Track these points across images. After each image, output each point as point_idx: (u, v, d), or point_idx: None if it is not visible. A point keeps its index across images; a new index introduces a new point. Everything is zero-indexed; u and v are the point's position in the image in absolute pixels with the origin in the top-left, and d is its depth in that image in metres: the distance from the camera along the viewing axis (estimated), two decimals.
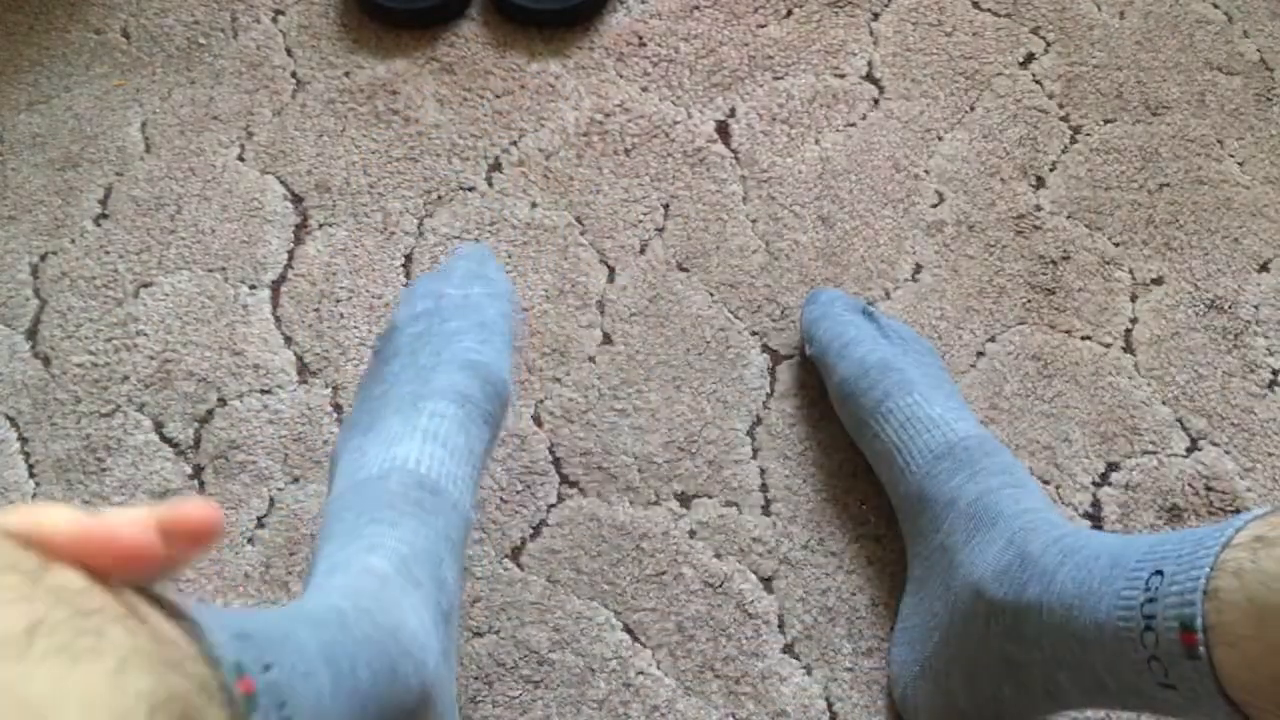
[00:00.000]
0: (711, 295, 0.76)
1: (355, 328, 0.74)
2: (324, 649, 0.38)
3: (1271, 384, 0.73)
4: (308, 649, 0.36)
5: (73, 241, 0.78)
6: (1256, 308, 0.76)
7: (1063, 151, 0.82)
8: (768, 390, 0.72)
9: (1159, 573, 0.41)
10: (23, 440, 0.70)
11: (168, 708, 0.24)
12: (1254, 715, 0.38)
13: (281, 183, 0.80)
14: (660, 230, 0.78)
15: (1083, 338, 0.75)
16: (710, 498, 0.69)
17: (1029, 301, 0.76)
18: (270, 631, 0.35)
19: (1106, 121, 0.84)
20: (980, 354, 0.74)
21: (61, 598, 0.25)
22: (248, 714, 0.29)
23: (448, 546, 0.50)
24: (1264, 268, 0.78)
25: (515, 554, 0.67)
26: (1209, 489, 0.69)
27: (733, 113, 0.83)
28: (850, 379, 0.65)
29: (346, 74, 0.85)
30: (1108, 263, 0.78)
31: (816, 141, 0.82)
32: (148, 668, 0.25)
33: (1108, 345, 0.74)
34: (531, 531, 0.67)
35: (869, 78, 0.85)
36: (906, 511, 0.62)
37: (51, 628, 0.24)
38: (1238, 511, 0.68)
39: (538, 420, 0.71)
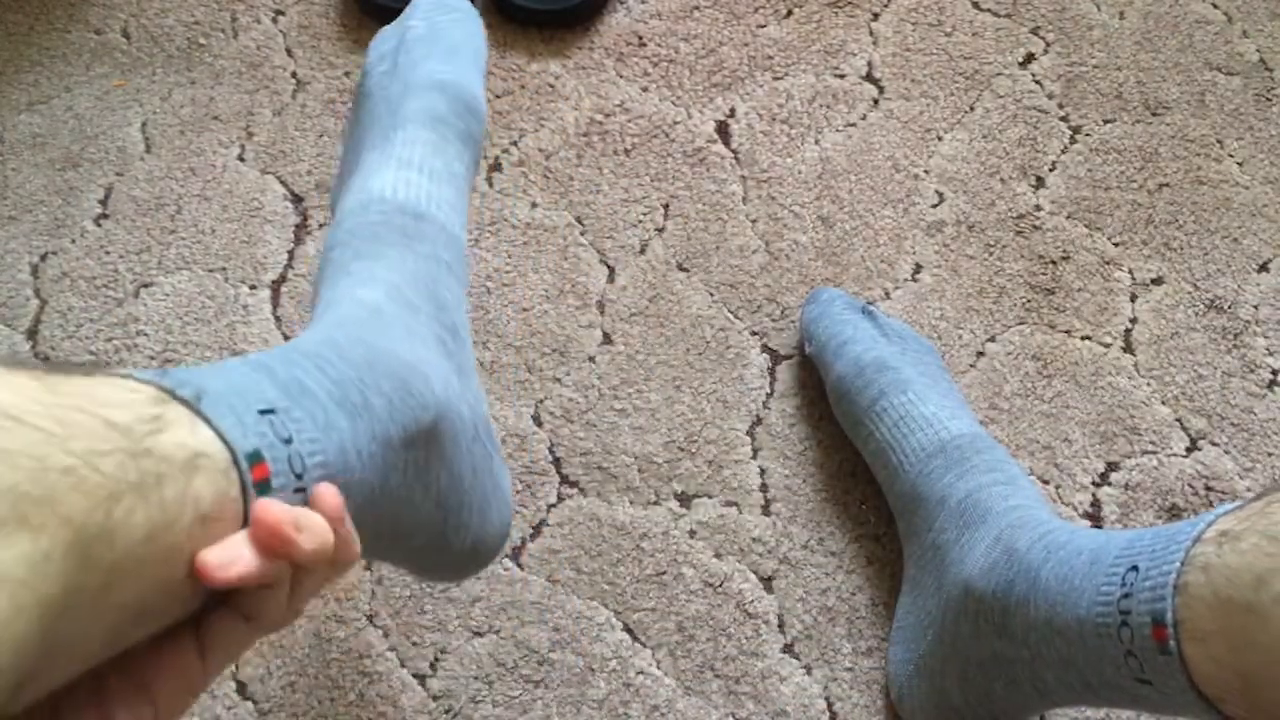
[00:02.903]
0: (711, 295, 0.76)
1: None
2: (333, 391, 0.37)
3: (1271, 384, 0.73)
4: (319, 396, 0.36)
5: (73, 241, 0.78)
6: (1256, 308, 0.76)
7: (1062, 151, 0.82)
8: (768, 390, 0.72)
9: (1134, 568, 0.42)
10: None
11: (12, 493, 0.23)
12: (1227, 711, 0.38)
13: (282, 183, 0.80)
14: (660, 230, 0.78)
15: (1082, 338, 0.75)
16: (710, 498, 0.69)
17: (1029, 301, 0.76)
18: (286, 392, 0.35)
19: (1106, 121, 0.84)
20: (980, 354, 0.74)
21: None
22: (260, 494, 0.31)
23: (441, 267, 0.48)
24: (1263, 268, 0.78)
25: (515, 554, 0.67)
26: (1209, 489, 0.69)
27: (733, 113, 0.83)
28: (846, 377, 0.66)
29: (346, 74, 0.85)
30: (1107, 263, 0.78)
31: (816, 141, 0.82)
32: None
33: (1107, 345, 0.74)
34: (531, 531, 0.67)
35: (869, 78, 0.85)
36: (901, 510, 0.63)
37: None
38: None
39: (538, 420, 0.71)
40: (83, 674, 0.28)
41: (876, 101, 0.84)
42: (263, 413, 0.33)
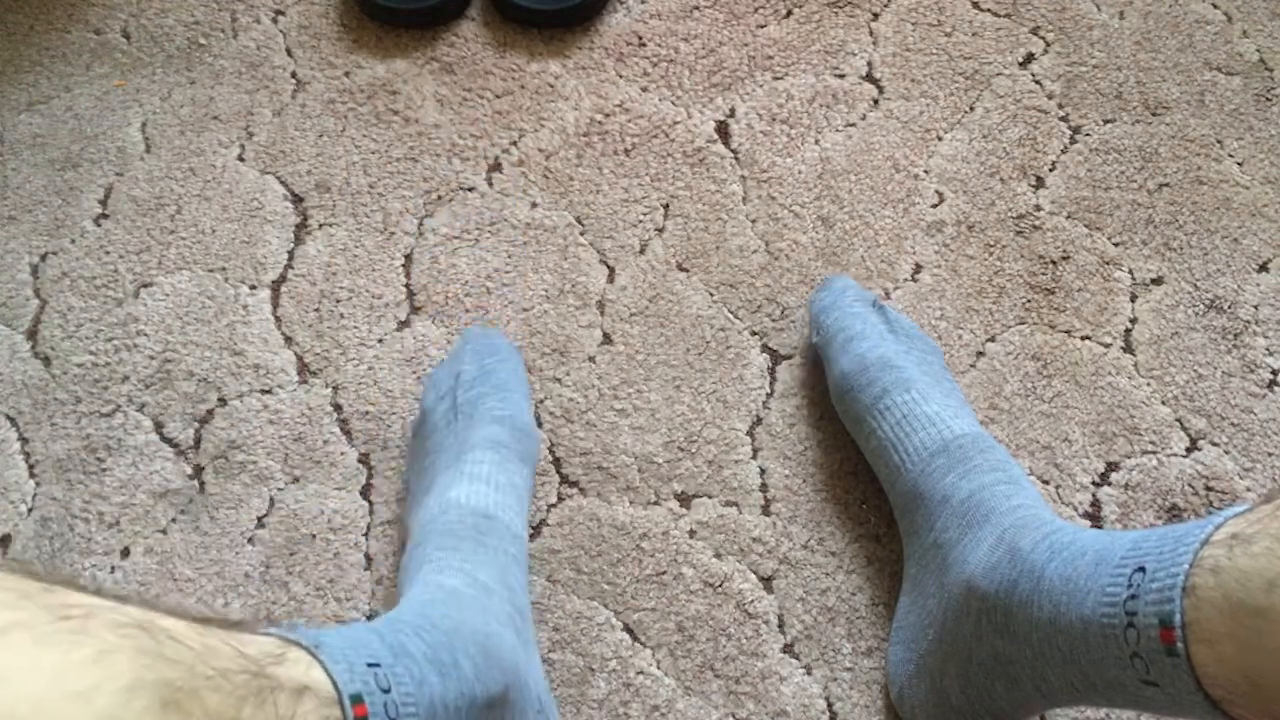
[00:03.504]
0: (711, 295, 0.76)
1: (355, 328, 0.74)
2: (428, 653, 0.46)
3: (1271, 384, 0.73)
4: (416, 658, 0.45)
5: (73, 241, 0.78)
6: (1256, 308, 0.76)
7: (1062, 151, 0.82)
8: (767, 390, 0.72)
9: (1141, 569, 0.41)
10: (23, 440, 0.70)
11: (154, 690, 0.30)
12: (1233, 713, 0.38)
13: (281, 183, 0.80)
14: (660, 230, 0.78)
15: (1082, 338, 0.75)
16: (710, 498, 0.69)
17: (1029, 301, 0.76)
18: (392, 652, 0.44)
19: (1106, 121, 0.84)
20: (980, 354, 0.74)
21: (47, 606, 0.30)
22: None
23: (509, 559, 0.58)
24: (1263, 268, 0.78)
25: None
26: (1209, 489, 0.69)
27: (732, 113, 0.83)
28: (850, 374, 0.66)
29: (346, 74, 0.85)
30: (1107, 263, 0.78)
31: (816, 142, 0.82)
32: (134, 659, 0.30)
33: (1107, 345, 0.74)
34: (531, 531, 0.67)
35: (869, 78, 0.85)
36: (903, 509, 0.63)
37: (29, 625, 0.29)
38: None
39: (538, 420, 0.71)
40: None
41: (876, 101, 0.84)
42: (370, 665, 0.42)
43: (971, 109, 0.84)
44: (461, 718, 0.46)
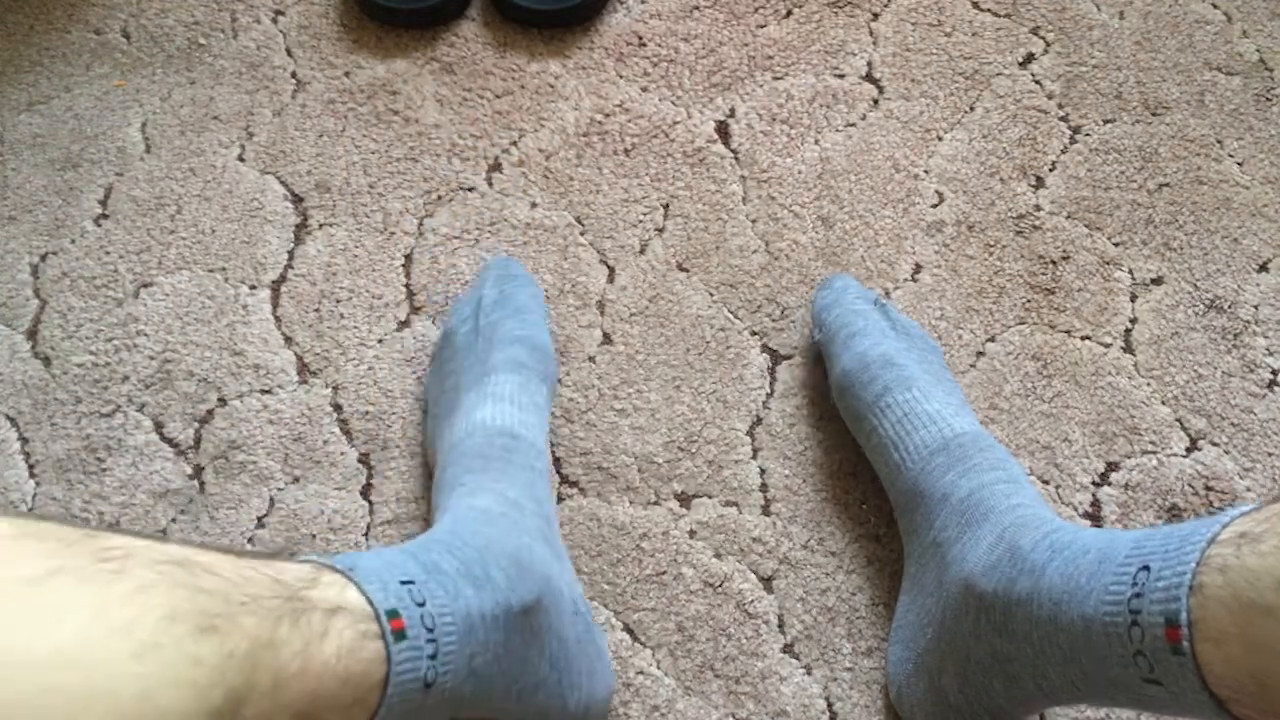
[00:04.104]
0: (711, 295, 0.76)
1: (355, 328, 0.74)
2: (460, 568, 0.48)
3: (1271, 384, 0.73)
4: (450, 573, 0.48)
5: (73, 242, 0.78)
6: (1256, 308, 0.76)
7: (1062, 151, 0.82)
8: (768, 390, 0.72)
9: (1146, 568, 0.41)
10: (23, 440, 0.70)
11: (190, 618, 0.32)
12: (1237, 712, 0.38)
13: (282, 183, 0.80)
14: (660, 230, 0.78)
15: (1082, 338, 0.75)
16: (710, 498, 0.69)
17: (1029, 301, 0.76)
18: (425, 569, 0.46)
19: (1106, 121, 0.84)
20: (980, 354, 0.74)
21: (88, 550, 0.32)
22: (395, 643, 0.41)
23: (534, 473, 0.60)
24: (1263, 268, 0.78)
25: None
26: (1209, 489, 0.69)
27: (732, 113, 0.83)
28: (851, 371, 0.66)
29: (346, 74, 0.85)
30: (1107, 263, 0.78)
31: (816, 142, 0.82)
32: (171, 591, 0.32)
33: (1107, 345, 0.74)
34: None
35: (869, 78, 0.85)
36: (902, 508, 0.63)
37: (72, 569, 0.31)
38: None
39: None
40: None
41: (876, 101, 0.84)
42: (404, 583, 0.44)
43: (971, 109, 0.84)
44: (499, 625, 0.48)
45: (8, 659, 0.28)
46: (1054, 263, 0.77)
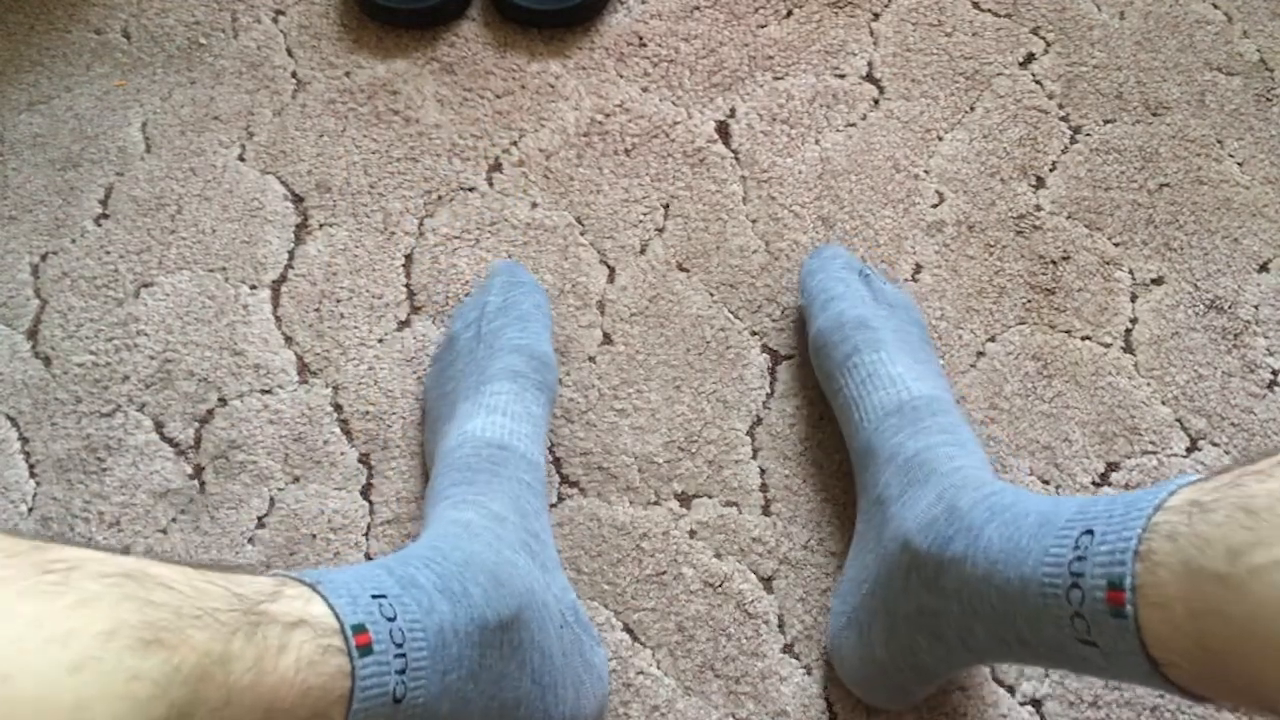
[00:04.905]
0: (711, 295, 0.76)
1: (356, 327, 0.74)
2: (437, 583, 0.48)
3: (1271, 384, 0.73)
4: (425, 587, 0.47)
5: (73, 241, 0.78)
6: (1256, 308, 0.76)
7: (1063, 152, 0.82)
8: (768, 390, 0.72)
9: (1089, 532, 0.42)
10: (23, 440, 0.70)
11: (134, 631, 0.31)
12: (1172, 675, 0.38)
13: (282, 183, 0.80)
14: (660, 230, 0.78)
15: (1083, 338, 0.75)
16: (710, 498, 0.69)
17: (1029, 302, 0.76)
18: (400, 583, 0.46)
19: (1106, 122, 0.84)
20: (980, 354, 0.74)
21: (33, 562, 0.31)
22: (360, 658, 0.41)
23: (522, 485, 0.60)
24: (1264, 268, 0.78)
25: None
26: None
27: (733, 113, 0.83)
28: (825, 331, 0.67)
29: (347, 74, 0.85)
30: (1108, 263, 0.78)
31: (817, 142, 0.82)
32: (116, 605, 0.32)
33: (1108, 345, 0.74)
34: None
35: (869, 78, 0.85)
36: (857, 467, 0.63)
37: (13, 580, 0.30)
38: None
39: None
40: None
41: (877, 101, 0.84)
42: (375, 596, 0.44)
43: (972, 109, 0.84)
44: (473, 640, 0.48)
45: None
46: (1054, 263, 0.77)
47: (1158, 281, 0.77)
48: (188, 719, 0.33)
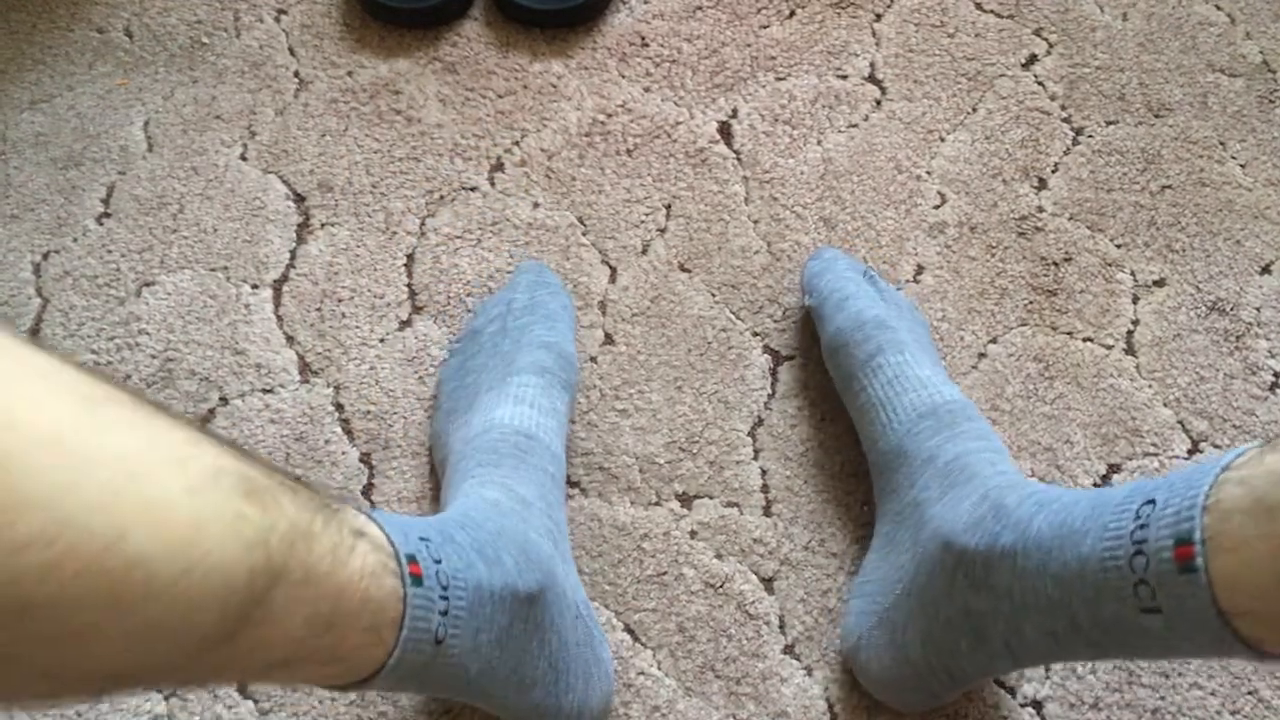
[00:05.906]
0: (713, 296, 0.76)
1: (357, 327, 0.74)
2: (474, 544, 0.48)
3: (1273, 386, 0.73)
4: (463, 545, 0.48)
5: (75, 240, 0.78)
6: (1258, 310, 0.76)
7: (1065, 153, 0.82)
8: (769, 391, 0.72)
9: (1151, 502, 0.41)
10: None
11: (238, 481, 0.31)
12: (1244, 628, 0.38)
13: (284, 182, 0.80)
14: (662, 231, 0.78)
15: (1084, 339, 0.75)
16: (711, 498, 0.69)
17: (1031, 303, 0.76)
18: (441, 535, 0.46)
19: (1109, 123, 0.84)
20: (982, 355, 0.74)
21: (141, 401, 0.31)
22: (413, 585, 0.41)
23: (546, 476, 0.60)
24: (1266, 270, 0.78)
25: None
26: None
27: (735, 113, 0.83)
28: (845, 330, 0.66)
29: (349, 73, 0.85)
30: (1109, 264, 0.78)
31: (819, 142, 0.82)
32: (221, 452, 0.32)
33: (1109, 347, 0.74)
34: None
35: (871, 79, 0.85)
36: (883, 468, 0.63)
37: (126, 406, 0.30)
38: None
39: None
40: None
41: (879, 102, 0.84)
42: (421, 539, 0.44)
43: (974, 110, 0.84)
44: (506, 605, 0.48)
45: (75, 459, 0.27)
46: (1056, 264, 0.77)
47: (1160, 283, 0.77)
48: (277, 579, 0.33)
